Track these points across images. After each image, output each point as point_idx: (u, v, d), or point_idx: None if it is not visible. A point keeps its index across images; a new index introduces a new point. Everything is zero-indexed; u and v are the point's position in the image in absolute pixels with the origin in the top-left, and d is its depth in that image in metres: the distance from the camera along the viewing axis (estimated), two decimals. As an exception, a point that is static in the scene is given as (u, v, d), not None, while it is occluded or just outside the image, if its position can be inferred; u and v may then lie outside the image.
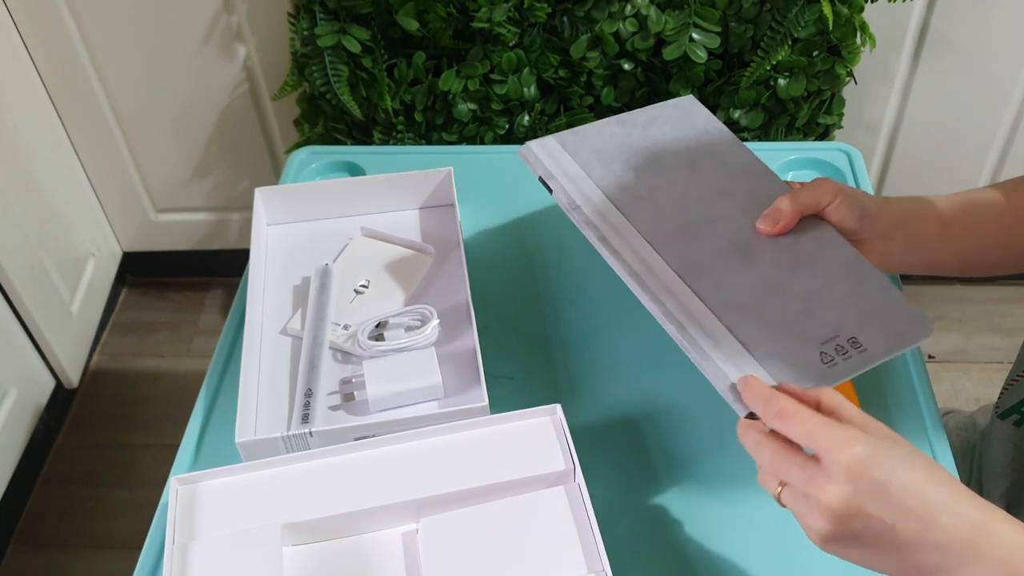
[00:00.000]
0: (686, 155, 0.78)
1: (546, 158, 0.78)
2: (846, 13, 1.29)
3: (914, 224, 0.72)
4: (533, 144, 0.80)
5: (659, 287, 0.68)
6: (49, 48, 1.57)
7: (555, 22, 1.32)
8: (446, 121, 1.39)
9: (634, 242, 0.71)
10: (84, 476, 1.66)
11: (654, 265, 0.69)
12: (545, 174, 0.77)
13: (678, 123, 0.81)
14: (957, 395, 1.72)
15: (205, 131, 1.69)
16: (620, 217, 0.73)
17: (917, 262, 0.74)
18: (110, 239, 1.89)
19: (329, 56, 1.34)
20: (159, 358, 1.86)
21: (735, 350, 0.63)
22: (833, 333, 0.65)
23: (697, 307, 0.66)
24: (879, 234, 0.71)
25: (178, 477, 0.66)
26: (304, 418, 0.73)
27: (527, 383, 0.78)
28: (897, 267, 0.74)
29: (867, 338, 0.64)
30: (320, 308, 0.80)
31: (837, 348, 0.63)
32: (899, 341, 0.65)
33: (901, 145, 1.65)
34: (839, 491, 0.50)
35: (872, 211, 0.71)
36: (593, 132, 0.80)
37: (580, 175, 0.77)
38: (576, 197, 0.75)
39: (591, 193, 0.75)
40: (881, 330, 0.65)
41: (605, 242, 0.71)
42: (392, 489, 0.65)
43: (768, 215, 0.71)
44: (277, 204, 0.90)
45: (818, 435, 0.52)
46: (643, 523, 0.68)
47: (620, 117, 0.82)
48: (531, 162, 0.79)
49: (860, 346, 0.64)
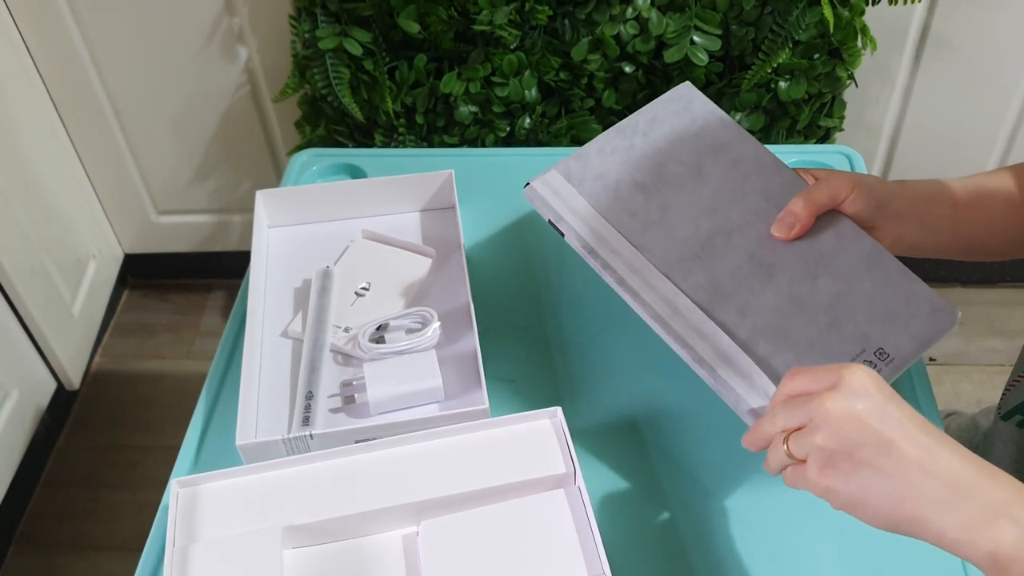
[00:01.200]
0: (692, 159, 0.76)
1: (552, 197, 0.76)
2: (847, 16, 1.29)
3: (928, 206, 0.72)
4: (536, 183, 0.77)
5: (685, 328, 0.67)
6: (51, 49, 1.58)
7: (556, 25, 1.32)
8: (447, 123, 1.39)
9: (653, 279, 0.70)
10: (85, 478, 1.66)
11: (677, 304, 0.68)
12: (554, 217, 0.75)
13: (678, 119, 0.78)
14: (958, 397, 1.72)
15: (206, 133, 1.69)
16: (634, 252, 0.71)
17: (927, 244, 0.73)
18: (111, 241, 1.89)
19: (330, 58, 1.34)
20: (160, 360, 1.86)
21: (769, 387, 0.64)
22: (860, 347, 0.65)
23: (725, 344, 0.66)
24: (894, 217, 0.71)
25: (178, 479, 0.66)
26: (305, 420, 0.73)
27: (528, 386, 0.78)
28: (908, 249, 0.73)
29: (894, 345, 0.65)
30: (321, 311, 0.80)
31: (865, 363, 0.64)
32: (925, 338, 0.65)
33: (902, 148, 1.64)
34: (845, 399, 0.50)
35: (887, 197, 0.70)
36: (594, 152, 0.78)
37: (588, 211, 0.74)
38: (588, 238, 0.73)
39: (601, 229, 0.73)
40: (906, 331, 0.65)
41: (624, 285, 0.70)
42: (393, 492, 0.65)
43: (783, 220, 0.70)
44: (278, 206, 0.90)
45: (824, 370, 0.52)
46: (643, 526, 0.68)
47: (620, 127, 0.79)
48: (537, 204, 0.76)
49: (887, 356, 0.65)
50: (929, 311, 0.66)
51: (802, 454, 0.52)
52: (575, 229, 0.74)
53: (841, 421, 0.50)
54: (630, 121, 0.80)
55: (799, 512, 0.69)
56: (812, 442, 0.51)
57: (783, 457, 0.54)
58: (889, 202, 0.70)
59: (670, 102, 0.80)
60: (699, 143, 0.77)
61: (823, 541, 0.67)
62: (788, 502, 0.69)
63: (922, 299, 0.66)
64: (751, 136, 0.77)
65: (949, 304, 0.66)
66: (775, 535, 0.67)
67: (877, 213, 0.70)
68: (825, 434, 0.50)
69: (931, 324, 0.66)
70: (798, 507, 0.69)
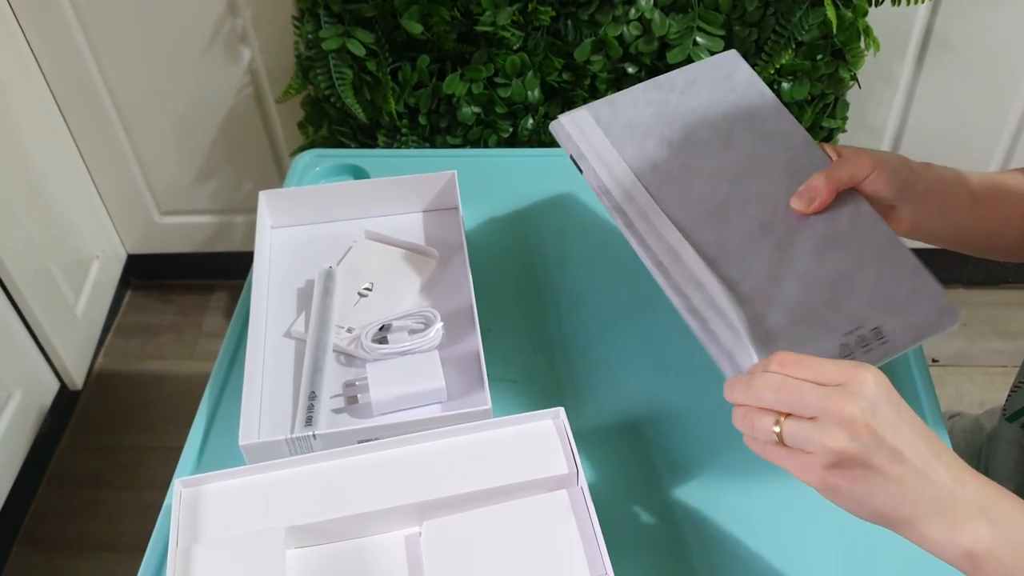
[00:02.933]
0: (723, 125, 0.75)
1: (578, 135, 0.76)
2: (850, 17, 1.29)
3: (947, 193, 0.72)
4: (564, 119, 0.77)
5: (684, 278, 0.67)
6: (54, 50, 1.58)
7: (559, 25, 1.32)
8: (450, 124, 1.39)
9: (662, 228, 0.70)
10: (88, 478, 1.66)
11: (681, 253, 0.69)
12: (576, 154, 0.75)
13: (718, 86, 0.77)
14: (961, 399, 1.72)
15: (209, 134, 1.69)
16: (649, 200, 0.71)
17: (945, 233, 0.73)
18: (114, 241, 1.89)
19: (333, 59, 1.34)
20: (163, 360, 1.87)
21: (757, 345, 0.63)
22: (856, 324, 0.64)
23: (721, 298, 0.66)
24: (914, 200, 0.70)
25: (181, 480, 0.66)
26: (307, 421, 0.73)
27: (530, 386, 0.78)
28: (926, 235, 0.73)
29: (891, 328, 0.64)
30: (324, 311, 0.81)
31: (858, 339, 0.63)
32: (922, 331, 0.65)
33: (905, 149, 1.64)
34: (861, 403, 0.50)
35: (909, 179, 0.70)
36: (628, 101, 0.77)
37: (612, 154, 0.74)
38: (606, 180, 0.73)
39: (621, 175, 0.73)
40: (905, 319, 0.65)
41: (632, 229, 0.71)
42: (395, 492, 0.65)
43: (803, 193, 0.69)
44: (281, 207, 0.90)
45: (827, 365, 0.53)
46: (646, 526, 0.68)
47: (658, 81, 0.78)
48: (562, 139, 0.76)
49: (883, 337, 0.64)
50: (932, 308, 0.66)
51: (801, 446, 0.52)
52: (594, 168, 0.74)
53: (857, 427, 0.50)
54: (668, 78, 0.78)
55: (802, 513, 0.69)
56: (824, 443, 0.51)
57: (768, 435, 0.54)
58: (910, 184, 0.70)
59: (713, 67, 0.79)
60: (734, 112, 0.76)
61: (826, 543, 0.67)
62: (791, 503, 0.69)
63: (927, 294, 0.66)
64: (788, 112, 0.76)
65: (953, 304, 0.66)
66: (778, 536, 0.67)
67: (897, 194, 0.70)
68: (839, 438, 0.50)
69: (930, 320, 0.65)
70: (801, 508, 0.69)
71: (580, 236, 0.91)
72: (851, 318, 0.65)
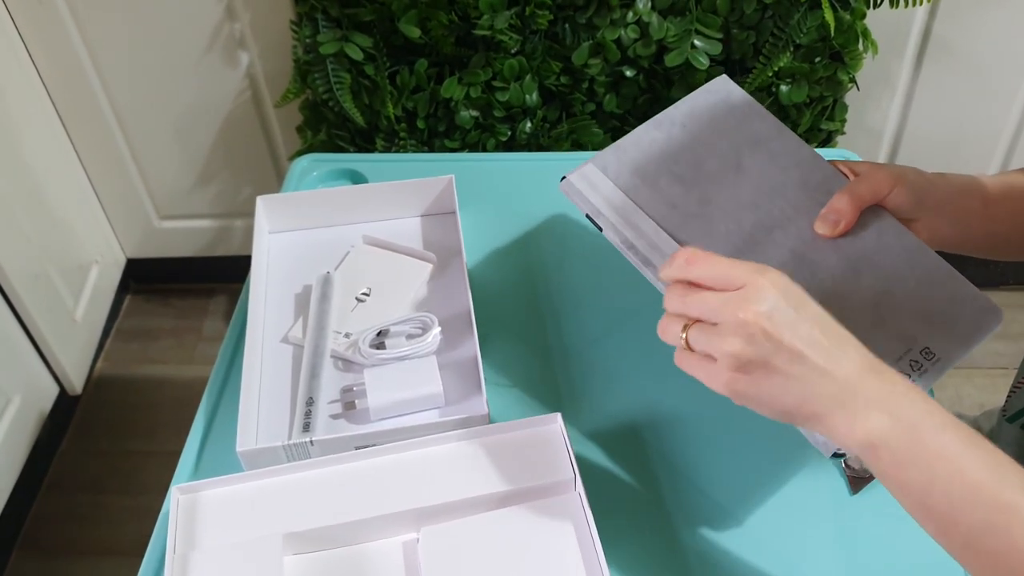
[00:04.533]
0: (731, 153, 0.74)
1: (589, 191, 0.73)
2: (848, 19, 1.29)
3: (961, 200, 0.72)
4: (573, 176, 0.74)
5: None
6: (53, 55, 1.58)
7: (557, 29, 1.32)
8: (448, 128, 1.39)
9: None
10: (88, 483, 1.66)
11: None
12: (592, 211, 0.72)
13: (716, 113, 0.76)
14: (961, 401, 1.72)
15: (208, 138, 1.69)
16: (675, 247, 0.69)
17: (956, 238, 0.73)
18: (114, 246, 1.89)
19: (331, 63, 1.34)
20: (163, 365, 1.86)
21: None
22: (907, 346, 0.64)
23: None
24: (932, 210, 0.70)
25: (179, 486, 0.66)
26: (305, 427, 0.73)
27: (528, 391, 0.78)
28: (939, 243, 0.73)
29: (940, 344, 0.64)
30: (321, 316, 0.80)
31: (912, 364, 0.63)
32: (970, 338, 0.64)
33: (904, 151, 1.64)
34: (757, 307, 0.52)
35: (926, 190, 0.70)
36: (631, 145, 0.75)
37: (626, 205, 0.72)
38: (628, 233, 0.70)
39: (641, 224, 0.71)
40: (952, 331, 0.64)
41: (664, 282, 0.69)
42: (393, 498, 0.65)
43: (827, 217, 0.68)
44: (279, 212, 0.90)
45: (728, 267, 0.54)
46: (644, 532, 0.68)
47: (657, 120, 0.76)
48: (574, 198, 0.74)
49: (934, 356, 0.64)
50: (974, 310, 0.65)
51: (705, 351, 0.54)
52: (613, 223, 0.71)
53: (754, 332, 0.51)
54: (667, 114, 0.77)
55: (801, 518, 0.69)
56: (722, 348, 0.53)
57: (677, 341, 0.56)
58: (928, 195, 0.70)
59: (707, 94, 0.78)
60: (737, 137, 0.75)
61: (826, 548, 0.67)
62: (790, 508, 0.69)
63: (967, 298, 0.66)
64: (788, 129, 0.75)
65: (993, 303, 0.66)
66: (777, 541, 0.67)
67: (916, 207, 0.69)
68: (738, 343, 0.52)
69: (976, 323, 0.65)
70: (800, 514, 0.69)
71: (578, 240, 0.91)
72: (900, 339, 0.64)
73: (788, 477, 0.71)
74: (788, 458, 0.72)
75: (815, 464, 0.72)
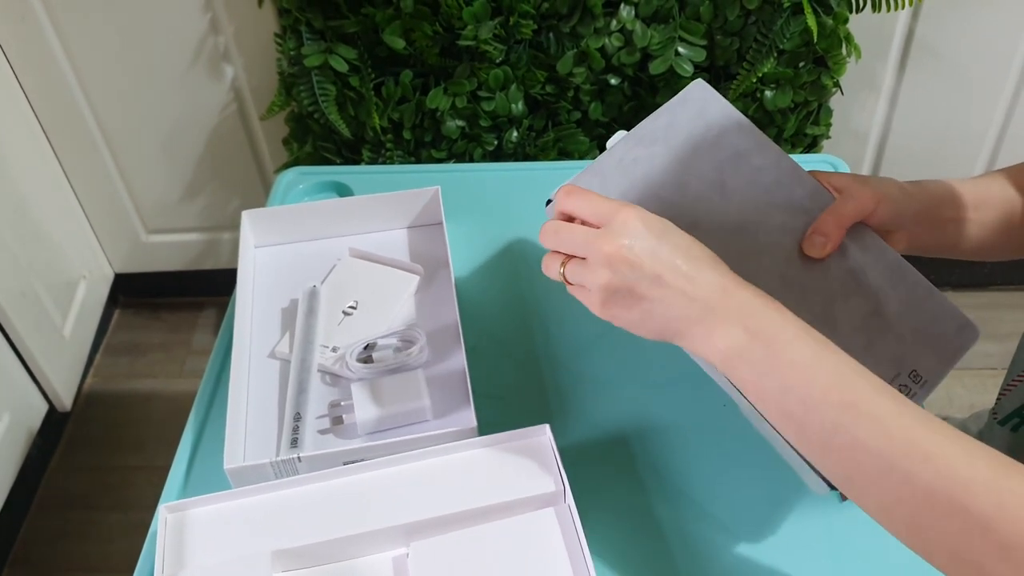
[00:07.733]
0: (714, 174, 0.72)
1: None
2: (831, 24, 1.29)
3: (939, 208, 0.72)
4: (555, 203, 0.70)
5: (724, 379, 0.63)
6: (37, 71, 1.57)
7: (541, 38, 1.32)
8: (435, 138, 1.39)
9: None
10: (78, 499, 1.65)
11: None
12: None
13: (694, 127, 0.73)
14: (951, 402, 1.72)
15: (194, 152, 1.69)
16: None
17: (935, 244, 0.74)
18: (101, 261, 1.89)
19: (316, 76, 1.34)
20: (152, 379, 1.86)
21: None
22: (896, 370, 0.65)
23: None
24: (911, 221, 0.71)
25: (167, 505, 0.65)
26: (293, 443, 0.72)
27: (516, 403, 0.78)
28: (918, 249, 0.73)
29: (926, 365, 0.65)
30: (308, 331, 0.80)
31: (901, 388, 0.64)
32: (952, 356, 0.66)
33: (889, 154, 1.65)
34: (619, 241, 0.57)
35: (905, 203, 0.71)
36: (614, 165, 0.71)
37: None
38: None
39: None
40: (935, 350, 0.66)
41: None
42: (382, 513, 0.65)
43: (813, 240, 0.68)
44: (264, 226, 0.90)
45: (598, 203, 0.60)
46: (634, 543, 0.68)
47: (638, 135, 0.72)
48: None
49: (920, 379, 0.65)
50: (954, 328, 0.67)
51: (580, 283, 0.60)
52: None
53: (616, 262, 0.57)
54: (647, 127, 0.74)
55: (791, 527, 0.69)
56: (592, 280, 0.58)
57: (558, 276, 0.62)
58: (907, 207, 0.71)
59: (684, 104, 0.74)
60: (719, 154, 0.73)
61: (817, 556, 0.67)
62: (780, 517, 0.69)
63: (947, 315, 0.67)
64: (769, 140, 0.74)
65: (968, 319, 0.67)
66: (767, 550, 0.67)
67: (896, 220, 0.70)
68: (603, 274, 0.58)
69: (957, 341, 0.66)
70: (790, 521, 0.69)
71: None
72: (890, 362, 0.65)
73: (778, 486, 0.71)
74: (777, 467, 0.72)
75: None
